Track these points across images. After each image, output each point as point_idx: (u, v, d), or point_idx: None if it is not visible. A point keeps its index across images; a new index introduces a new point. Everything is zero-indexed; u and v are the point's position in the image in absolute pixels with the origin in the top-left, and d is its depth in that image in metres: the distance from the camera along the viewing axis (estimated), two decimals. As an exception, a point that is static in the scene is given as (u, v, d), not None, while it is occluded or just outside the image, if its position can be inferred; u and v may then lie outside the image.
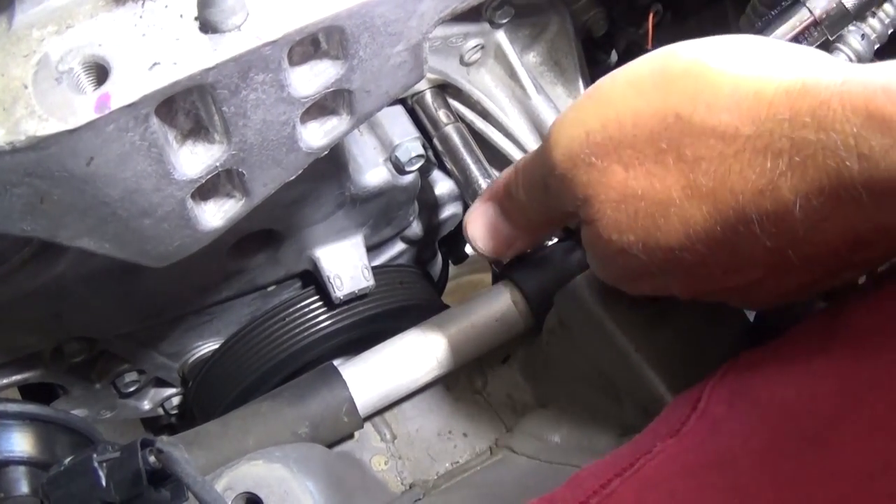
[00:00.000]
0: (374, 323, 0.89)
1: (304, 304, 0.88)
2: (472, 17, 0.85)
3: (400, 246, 0.96)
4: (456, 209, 0.96)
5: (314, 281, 0.88)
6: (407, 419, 0.84)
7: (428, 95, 0.90)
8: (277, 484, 0.66)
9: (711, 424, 0.57)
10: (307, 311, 0.88)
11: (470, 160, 0.88)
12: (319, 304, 0.88)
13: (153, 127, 0.53)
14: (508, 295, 0.83)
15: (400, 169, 0.84)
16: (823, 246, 0.53)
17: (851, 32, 0.79)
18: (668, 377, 0.69)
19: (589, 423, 0.76)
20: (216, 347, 0.90)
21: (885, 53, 0.82)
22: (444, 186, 0.94)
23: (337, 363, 0.82)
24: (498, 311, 0.83)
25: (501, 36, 0.88)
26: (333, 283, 0.86)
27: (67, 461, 0.63)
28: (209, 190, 0.61)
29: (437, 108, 0.90)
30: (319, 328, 0.87)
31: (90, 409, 0.92)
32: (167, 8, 0.54)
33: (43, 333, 0.80)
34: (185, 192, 0.57)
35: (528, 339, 0.84)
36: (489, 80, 0.91)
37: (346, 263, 0.86)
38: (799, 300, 0.65)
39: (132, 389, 0.91)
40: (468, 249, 1.06)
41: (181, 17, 0.53)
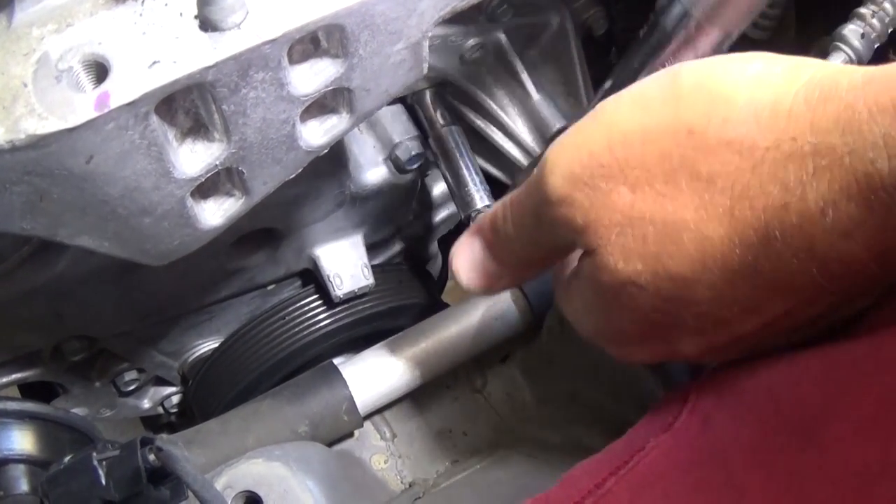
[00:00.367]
0: (373, 322, 0.89)
1: (303, 302, 0.88)
2: (472, 15, 0.85)
3: (399, 245, 0.96)
4: (455, 208, 0.96)
5: (314, 279, 0.88)
6: (407, 418, 0.84)
7: (427, 94, 0.90)
8: (277, 482, 0.66)
9: (702, 418, 0.56)
10: (307, 309, 0.88)
11: (462, 166, 0.87)
12: (319, 302, 0.88)
13: (153, 125, 0.53)
14: (508, 294, 0.83)
15: (400, 168, 0.84)
16: (852, 261, 0.50)
17: (851, 32, 0.79)
18: (667, 376, 0.69)
19: (589, 421, 0.76)
20: (216, 346, 0.90)
21: (884, 54, 0.82)
22: (443, 185, 0.94)
23: (337, 362, 0.82)
24: (498, 310, 0.83)
25: (501, 35, 0.88)
26: (333, 281, 0.86)
27: (67, 459, 0.63)
28: (209, 188, 0.61)
29: (435, 107, 0.90)
30: (319, 327, 0.87)
31: (90, 407, 0.92)
32: (167, 6, 0.54)
33: (42, 332, 0.79)
34: (184, 190, 0.57)
35: (527, 338, 0.85)
36: (489, 78, 0.90)
37: (345, 262, 0.86)
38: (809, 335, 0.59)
39: (132, 388, 0.91)
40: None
41: (181, 15, 0.53)
